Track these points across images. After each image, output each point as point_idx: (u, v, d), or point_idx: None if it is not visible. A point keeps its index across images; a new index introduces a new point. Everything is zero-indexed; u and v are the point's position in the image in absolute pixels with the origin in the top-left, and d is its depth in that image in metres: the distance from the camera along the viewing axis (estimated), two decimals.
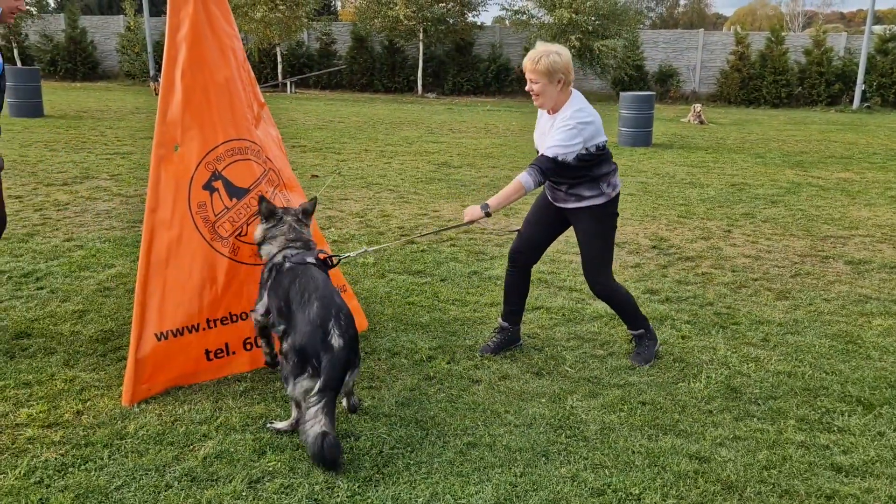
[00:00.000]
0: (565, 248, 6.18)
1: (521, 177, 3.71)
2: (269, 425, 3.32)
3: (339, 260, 3.79)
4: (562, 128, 3.73)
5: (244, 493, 2.84)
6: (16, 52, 30.21)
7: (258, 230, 3.64)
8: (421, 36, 28.67)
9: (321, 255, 3.60)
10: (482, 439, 3.27)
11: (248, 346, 3.85)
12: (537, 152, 3.99)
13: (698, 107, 20.05)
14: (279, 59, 29.66)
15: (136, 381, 3.49)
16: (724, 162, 12.24)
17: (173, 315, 3.61)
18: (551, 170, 3.73)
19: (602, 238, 4.03)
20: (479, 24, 30.43)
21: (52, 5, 33.29)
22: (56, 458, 3.01)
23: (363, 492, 2.87)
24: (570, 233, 4.22)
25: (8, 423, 3.27)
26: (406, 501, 2.83)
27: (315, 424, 2.95)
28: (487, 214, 3.73)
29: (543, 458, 3.14)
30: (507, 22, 31.41)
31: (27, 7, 4.57)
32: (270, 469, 3.00)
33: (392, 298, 5.07)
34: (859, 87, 25.51)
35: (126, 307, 4.66)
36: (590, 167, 3.84)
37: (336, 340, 3.12)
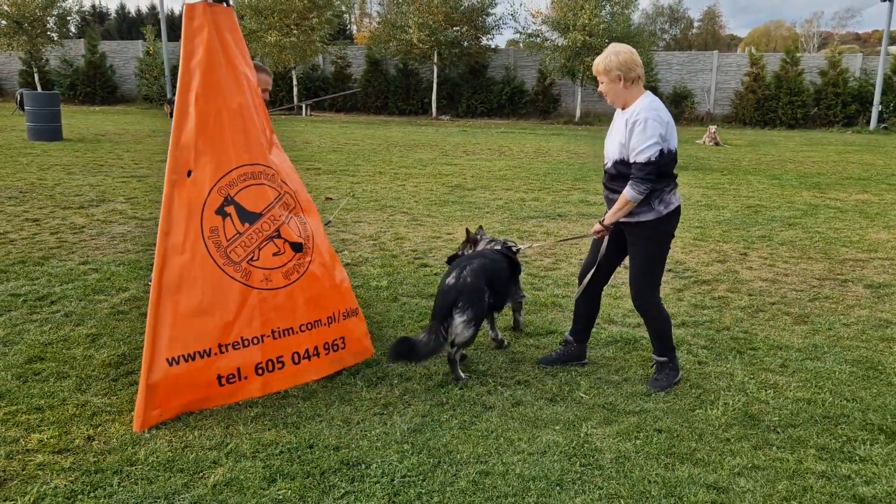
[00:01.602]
0: (578, 271, 6.12)
1: (626, 192, 3.83)
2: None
3: (518, 250, 4.65)
4: (637, 125, 3.75)
5: None
6: (36, 76, 30.76)
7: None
8: (435, 59, 28.92)
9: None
10: (495, 468, 3.21)
11: (260, 372, 3.82)
12: (604, 159, 4.07)
13: (713, 128, 20.01)
14: (294, 82, 30.00)
15: (147, 406, 3.48)
16: (740, 183, 12.17)
17: (185, 340, 3.60)
18: (650, 173, 3.76)
19: (648, 256, 4.01)
20: (492, 47, 30.67)
21: (74, 31, 33.90)
22: (66, 486, 2.99)
23: None
24: (575, 254, 4.18)
25: (19, 449, 3.26)
26: None
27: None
28: (604, 225, 4.03)
29: (557, 488, 3.08)
30: (520, 45, 31.59)
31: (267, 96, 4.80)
32: (280, 497, 2.96)
33: (405, 322, 5.04)
34: (876, 108, 25.38)
35: (139, 331, 4.66)
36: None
37: (449, 280, 4.10)
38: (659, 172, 3.81)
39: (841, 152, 17.72)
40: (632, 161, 3.80)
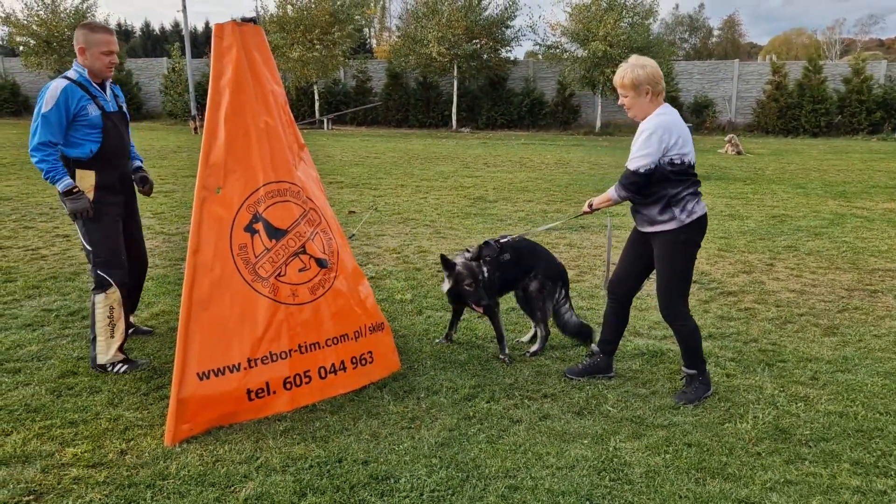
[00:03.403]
0: (602, 282, 6.11)
1: (610, 190, 4.01)
2: (526, 354, 4.75)
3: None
4: (639, 135, 3.83)
5: None
6: None
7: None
8: (455, 72, 29.05)
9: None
10: (524, 482, 3.21)
11: (288, 386, 3.85)
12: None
13: (730, 136, 19.89)
14: (316, 96, 30.29)
15: (178, 420, 3.52)
16: (764, 193, 12.06)
17: (214, 355, 3.65)
18: (634, 182, 3.86)
19: (674, 265, 3.99)
20: (512, 59, 30.73)
21: None
22: (101, 499, 3.04)
23: None
24: (600, 266, 4.17)
25: (54, 463, 3.32)
26: None
27: (572, 316, 4.83)
28: (591, 207, 4.23)
29: (588, 503, 3.07)
30: (539, 56, 31.64)
31: (117, 59, 5.01)
32: None
33: (430, 336, 5.05)
34: None
35: (169, 345, 4.72)
36: (667, 184, 3.84)
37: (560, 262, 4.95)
38: (685, 178, 3.84)
39: (866, 160, 17.50)
40: (626, 165, 3.89)
